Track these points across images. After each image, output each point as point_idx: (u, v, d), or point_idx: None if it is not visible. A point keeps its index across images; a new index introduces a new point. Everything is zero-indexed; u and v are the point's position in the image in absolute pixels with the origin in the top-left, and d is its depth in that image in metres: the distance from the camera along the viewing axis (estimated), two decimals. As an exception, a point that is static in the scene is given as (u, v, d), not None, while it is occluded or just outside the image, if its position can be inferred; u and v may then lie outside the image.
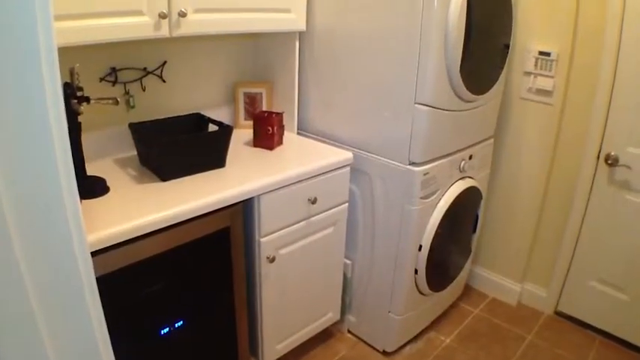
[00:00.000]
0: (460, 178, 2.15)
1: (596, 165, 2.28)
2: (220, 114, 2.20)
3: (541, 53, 2.27)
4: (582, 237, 2.41)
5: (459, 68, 1.84)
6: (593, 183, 2.31)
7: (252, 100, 2.25)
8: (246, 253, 1.80)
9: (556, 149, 2.38)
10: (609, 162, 2.23)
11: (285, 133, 2.13)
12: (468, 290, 2.79)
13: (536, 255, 2.61)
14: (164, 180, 1.67)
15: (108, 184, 1.58)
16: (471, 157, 2.17)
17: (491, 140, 2.37)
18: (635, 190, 2.19)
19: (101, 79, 1.81)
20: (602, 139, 2.24)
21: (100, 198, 1.51)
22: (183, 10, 1.65)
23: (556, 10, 2.21)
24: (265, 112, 2.09)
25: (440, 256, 2.19)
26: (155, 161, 1.71)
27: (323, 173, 1.90)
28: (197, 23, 1.72)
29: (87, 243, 0.88)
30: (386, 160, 1.98)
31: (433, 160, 1.96)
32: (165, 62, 1.99)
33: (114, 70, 1.85)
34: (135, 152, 1.88)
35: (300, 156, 2.00)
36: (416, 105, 1.84)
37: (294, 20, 2.04)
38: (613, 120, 2.19)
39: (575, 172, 2.35)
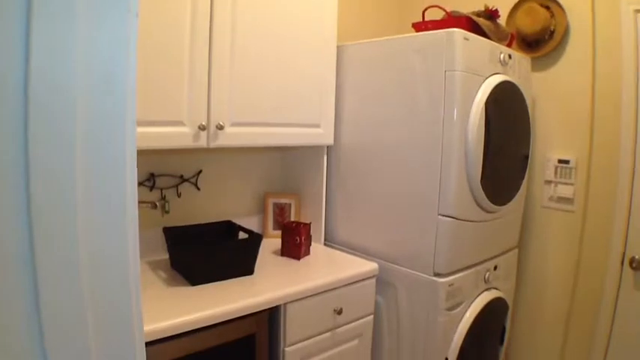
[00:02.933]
0: (485, 289, 2.14)
1: (621, 270, 2.24)
2: (250, 222, 2.29)
3: (560, 161, 2.35)
4: (612, 345, 2.31)
5: (479, 179, 1.91)
6: (619, 288, 2.26)
7: (281, 210, 2.34)
8: (271, 362, 1.78)
9: (580, 256, 2.37)
10: (634, 266, 2.20)
11: (313, 243, 2.19)
12: (496, 405, 2.65)
13: (566, 367, 2.51)
14: (193, 284, 1.70)
15: (139, 286, 1.62)
16: (495, 268, 2.17)
17: (516, 250, 2.39)
18: (662, 294, 2.14)
19: (140, 184, 1.92)
20: (626, 243, 2.23)
21: (131, 301, 1.54)
22: (220, 123, 1.78)
23: (572, 119, 2.31)
24: (294, 222, 2.16)
25: (467, 369, 2.12)
26: (186, 266, 1.76)
27: (349, 284, 1.91)
28: (233, 136, 1.85)
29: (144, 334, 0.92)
30: (411, 271, 1.99)
31: (458, 271, 1.97)
32: (200, 171, 2.11)
33: (152, 175, 1.96)
34: (167, 256, 1.94)
35: (326, 266, 2.03)
36: (439, 216, 1.89)
37: (323, 135, 2.17)
38: (635, 223, 2.19)
39: (601, 278, 2.31)
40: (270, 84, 1.94)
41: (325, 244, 2.33)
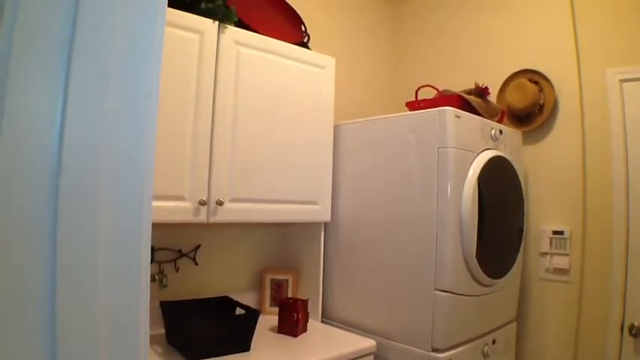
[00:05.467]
0: (485, 364, 2.12)
1: (621, 338, 2.22)
2: (248, 298, 2.27)
3: (554, 232, 2.38)
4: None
5: (475, 253, 1.93)
6: (620, 356, 2.23)
7: (278, 287, 2.34)
8: None
9: (579, 326, 2.35)
10: (633, 332, 2.18)
11: (310, 320, 2.16)
12: None
13: None
14: (189, 360, 1.69)
15: (134, 364, 1.61)
16: (494, 342, 2.15)
17: (514, 323, 2.37)
18: (665, 358, 2.11)
19: (138, 259, 1.93)
20: (624, 311, 2.22)
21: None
22: (221, 199, 1.83)
23: (565, 190, 2.37)
24: (291, 298, 2.15)
25: None
26: (182, 341, 1.75)
27: (346, 362, 1.89)
28: (232, 212, 1.89)
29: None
30: (409, 347, 1.97)
31: (456, 346, 1.95)
32: (199, 246, 2.13)
33: (152, 249, 1.98)
34: (163, 330, 1.92)
35: (323, 343, 2.01)
36: (436, 291, 1.90)
37: (321, 212, 2.21)
38: (632, 290, 2.20)
39: (601, 347, 2.28)
40: (269, 162, 2.01)
41: (323, 321, 2.31)
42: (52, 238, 0.73)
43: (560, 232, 2.37)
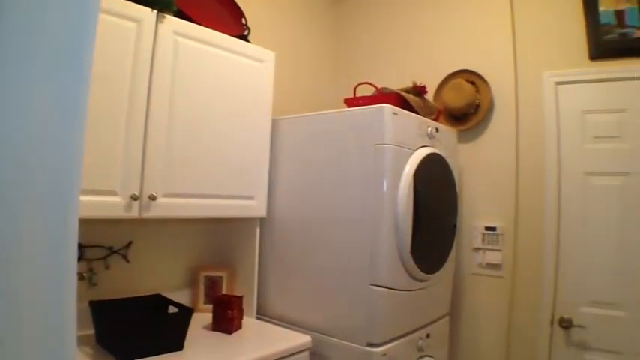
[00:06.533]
0: (420, 357, 2.15)
1: (551, 330, 2.33)
2: (181, 296, 2.20)
3: (487, 228, 2.46)
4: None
5: (410, 249, 1.96)
6: (551, 348, 2.33)
7: (212, 284, 2.29)
8: None
9: (511, 320, 2.44)
10: (563, 325, 2.28)
11: (245, 317, 2.13)
12: None
13: None
14: (120, 361, 1.63)
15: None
16: (428, 336, 2.20)
17: (447, 317, 2.43)
18: (592, 349, 2.22)
19: (66, 256, 1.85)
20: (554, 304, 2.32)
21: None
22: (153, 193, 1.77)
23: (498, 188, 2.46)
24: (225, 295, 2.12)
25: None
26: (112, 341, 1.69)
27: (281, 358, 1.86)
28: (165, 207, 1.83)
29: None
30: (344, 342, 1.98)
31: (391, 340, 1.97)
32: (130, 242, 2.05)
33: (80, 246, 1.90)
34: (92, 330, 1.85)
35: (258, 340, 1.98)
36: (371, 286, 1.91)
37: (256, 207, 2.18)
38: (562, 284, 2.30)
39: (533, 339, 2.38)
40: (205, 155, 1.97)
41: (258, 318, 2.28)
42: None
43: (493, 228, 2.45)
